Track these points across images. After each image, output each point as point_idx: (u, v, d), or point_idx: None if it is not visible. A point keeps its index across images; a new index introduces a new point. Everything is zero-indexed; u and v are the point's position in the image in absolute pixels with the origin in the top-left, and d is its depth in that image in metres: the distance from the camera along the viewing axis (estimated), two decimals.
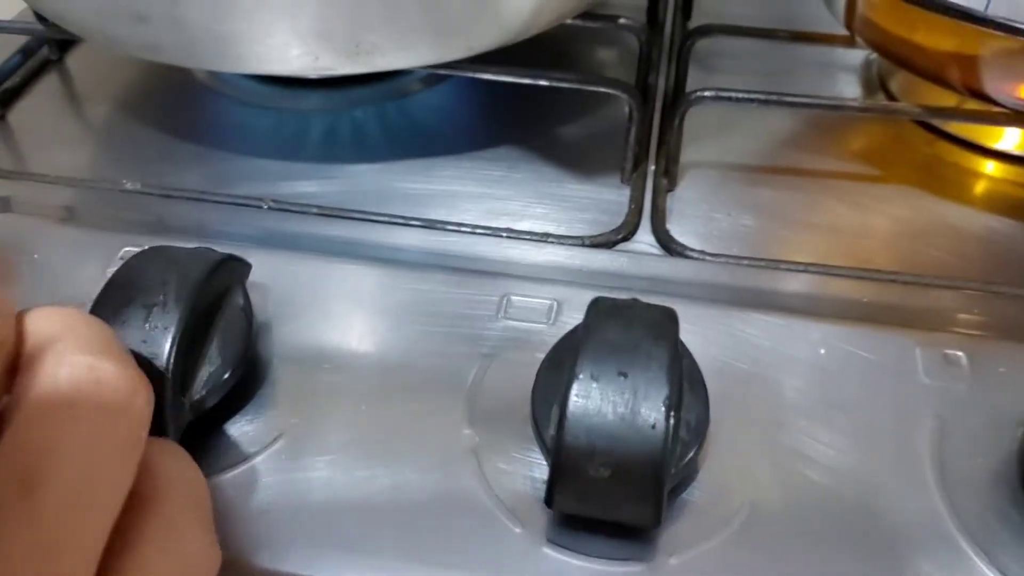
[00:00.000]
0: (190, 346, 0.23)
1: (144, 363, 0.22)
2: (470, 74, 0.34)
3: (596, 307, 0.24)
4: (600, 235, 0.33)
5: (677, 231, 0.34)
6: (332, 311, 0.29)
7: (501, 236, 0.33)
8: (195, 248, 0.26)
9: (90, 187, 0.35)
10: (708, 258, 0.32)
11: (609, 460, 0.21)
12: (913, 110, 0.33)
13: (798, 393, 0.27)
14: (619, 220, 0.34)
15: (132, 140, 0.39)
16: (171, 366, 0.22)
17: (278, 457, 0.25)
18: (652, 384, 0.21)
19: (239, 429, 0.25)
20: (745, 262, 0.32)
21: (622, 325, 0.23)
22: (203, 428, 0.25)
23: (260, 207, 0.34)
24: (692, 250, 0.33)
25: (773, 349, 0.28)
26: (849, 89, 0.42)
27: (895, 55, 0.35)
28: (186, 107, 0.41)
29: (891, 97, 0.40)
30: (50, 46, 0.43)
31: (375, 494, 0.24)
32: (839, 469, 0.25)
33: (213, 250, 0.26)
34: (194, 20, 0.30)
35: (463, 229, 0.33)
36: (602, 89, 0.34)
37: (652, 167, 0.36)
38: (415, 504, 0.24)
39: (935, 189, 0.36)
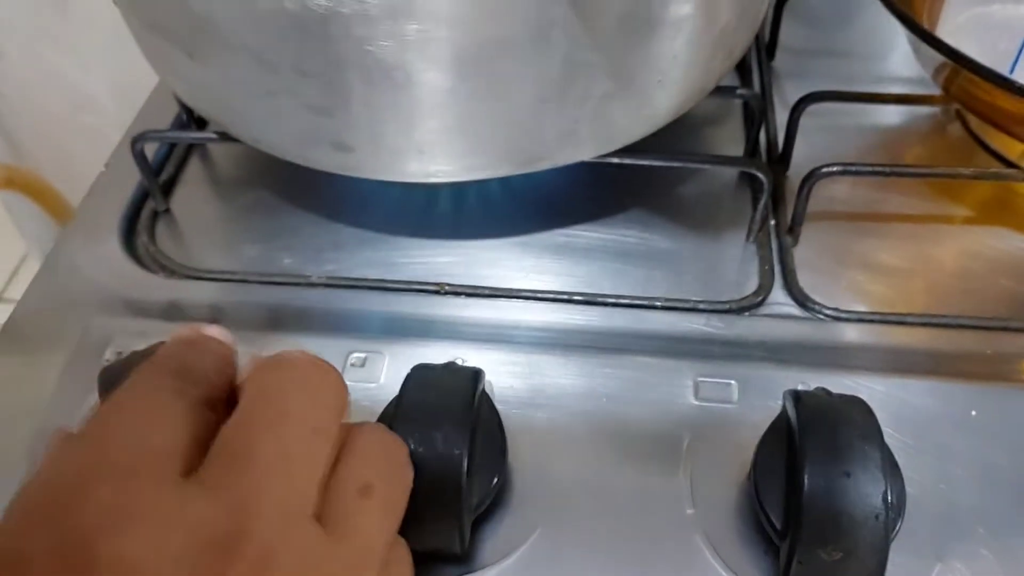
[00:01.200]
0: (472, 461, 0.28)
1: (444, 483, 0.26)
2: (617, 160, 0.38)
3: (796, 401, 0.29)
4: (743, 299, 0.38)
5: (808, 288, 0.38)
6: (542, 401, 0.33)
7: (656, 307, 0.37)
8: (449, 365, 0.30)
9: (279, 283, 0.38)
10: (844, 315, 0.37)
11: (841, 546, 0.26)
12: (1021, 176, 0.38)
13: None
14: (745, 280, 0.39)
15: (291, 227, 0.42)
16: (465, 484, 0.27)
17: (534, 550, 0.29)
18: (871, 482, 0.26)
19: (492, 528, 0.30)
20: (878, 318, 0.36)
21: (829, 424, 0.27)
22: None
23: (439, 292, 0.38)
24: (827, 308, 0.37)
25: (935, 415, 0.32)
26: (937, 137, 0.46)
27: (985, 115, 0.40)
28: (329, 185, 0.44)
29: (978, 141, 0.45)
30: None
31: (622, 570, 0.29)
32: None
33: (463, 366, 0.30)
34: (395, 145, 0.33)
35: (623, 301, 0.37)
36: (741, 168, 0.38)
37: (775, 226, 0.41)
38: None
39: None
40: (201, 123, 0.46)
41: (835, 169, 0.37)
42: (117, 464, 0.19)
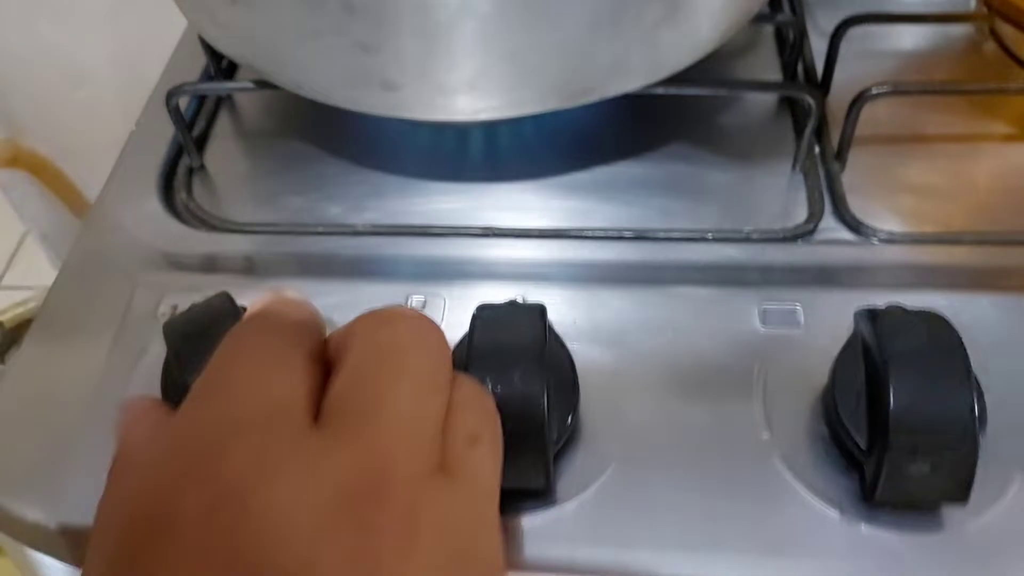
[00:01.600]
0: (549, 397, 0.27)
1: (525, 422, 0.26)
2: (662, 91, 0.37)
3: (874, 318, 0.28)
4: (796, 227, 0.37)
5: (858, 213, 0.38)
6: (605, 336, 0.33)
7: (708, 239, 0.37)
8: (512, 303, 0.30)
9: (324, 233, 0.38)
10: (897, 238, 0.36)
11: (929, 459, 0.26)
12: None
13: None
14: (794, 208, 0.38)
15: (327, 176, 0.41)
16: (547, 420, 0.27)
17: (613, 483, 0.29)
18: (958, 394, 0.26)
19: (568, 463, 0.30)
20: (931, 238, 0.36)
21: (912, 338, 0.27)
22: None
23: (486, 235, 0.37)
24: (880, 231, 0.37)
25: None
26: (972, 56, 0.45)
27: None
28: (362, 133, 0.43)
29: (1013, 57, 0.44)
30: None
31: (702, 499, 0.29)
32: None
33: (526, 303, 0.30)
34: (444, 81, 0.32)
35: (674, 235, 0.37)
36: (790, 94, 0.37)
37: (819, 153, 0.40)
38: (738, 502, 0.28)
39: None
40: (229, 75, 0.46)
41: (885, 90, 0.37)
42: (251, 418, 0.19)
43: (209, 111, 0.44)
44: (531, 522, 0.28)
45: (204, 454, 0.18)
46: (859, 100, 0.37)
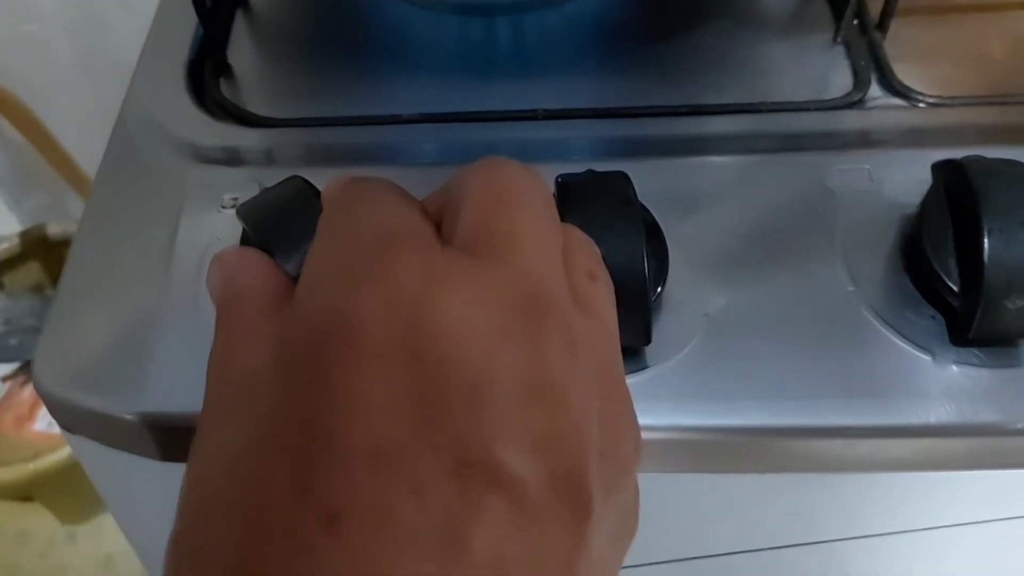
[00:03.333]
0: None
1: (626, 281, 0.26)
2: None
3: (956, 167, 0.29)
4: (846, 95, 0.37)
5: (905, 79, 0.38)
6: (681, 206, 0.33)
7: (762, 111, 0.37)
8: (591, 171, 0.29)
9: (368, 123, 0.37)
10: (946, 101, 0.37)
11: (1022, 292, 0.27)
12: None
13: None
14: (839, 78, 0.38)
15: (356, 70, 0.40)
16: (648, 279, 0.27)
17: (706, 342, 0.29)
18: None
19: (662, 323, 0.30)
20: (981, 100, 0.36)
21: (997, 180, 0.28)
22: None
23: (535, 118, 0.37)
24: (930, 95, 0.37)
25: None
26: None
27: None
28: (388, 25, 0.42)
29: None
30: None
31: (796, 352, 0.29)
32: None
33: (607, 171, 0.29)
34: None
35: (729, 109, 0.37)
36: None
37: (857, 24, 0.40)
38: (832, 352, 0.29)
39: None
40: None
41: None
42: (403, 231, 0.19)
43: (227, 9, 0.42)
44: (630, 383, 0.28)
45: (369, 260, 0.18)
46: None
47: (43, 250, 0.99)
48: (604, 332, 0.21)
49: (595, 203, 0.28)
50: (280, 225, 0.27)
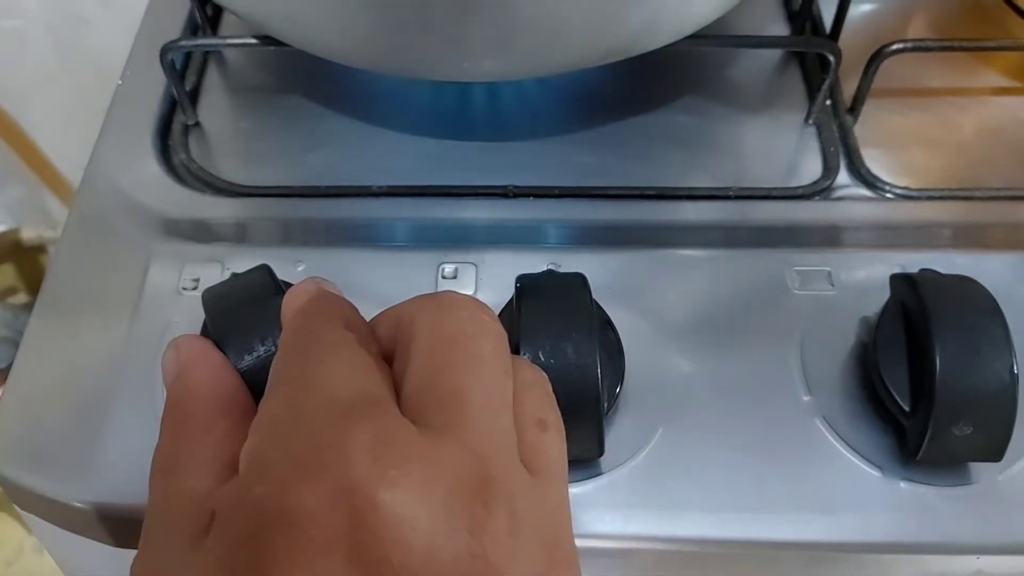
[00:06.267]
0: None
1: (579, 394, 0.26)
2: (685, 46, 0.36)
3: (913, 284, 0.29)
4: (814, 183, 0.37)
5: (873, 167, 0.38)
6: (641, 301, 0.33)
7: (730, 197, 0.37)
8: (551, 272, 0.29)
9: (339, 195, 0.37)
10: (913, 194, 0.37)
11: (972, 421, 0.27)
12: None
13: None
14: (807, 163, 0.38)
15: (331, 133, 0.39)
16: (601, 391, 0.27)
17: (661, 447, 0.29)
18: (999, 358, 0.27)
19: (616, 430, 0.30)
20: (947, 194, 0.37)
21: (954, 304, 0.28)
22: None
23: (505, 195, 0.37)
24: (896, 187, 0.37)
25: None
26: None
27: None
28: (360, 90, 0.42)
29: (1012, 6, 0.44)
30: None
31: (748, 460, 0.29)
32: None
33: (566, 272, 0.29)
34: (473, 45, 0.31)
35: (697, 194, 0.37)
36: (810, 48, 0.37)
37: (831, 106, 0.40)
38: (783, 463, 0.29)
39: None
40: (214, 24, 0.43)
41: (905, 46, 0.37)
42: (358, 408, 0.19)
43: (198, 64, 0.42)
44: (583, 491, 0.29)
45: (318, 446, 0.18)
46: (878, 56, 0.37)
47: (17, 254, 0.98)
48: (552, 488, 0.21)
49: (552, 313, 0.28)
50: (238, 322, 0.27)
